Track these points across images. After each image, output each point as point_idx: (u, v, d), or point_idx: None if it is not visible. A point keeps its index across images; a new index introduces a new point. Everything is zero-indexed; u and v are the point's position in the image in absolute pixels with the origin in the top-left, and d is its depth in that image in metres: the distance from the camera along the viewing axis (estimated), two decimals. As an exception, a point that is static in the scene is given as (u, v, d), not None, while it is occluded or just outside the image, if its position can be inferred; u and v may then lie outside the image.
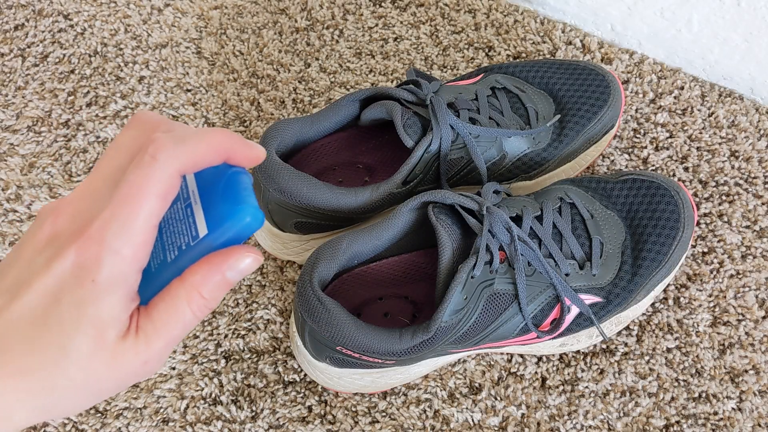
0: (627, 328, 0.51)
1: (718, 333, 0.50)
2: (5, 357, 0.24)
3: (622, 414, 0.48)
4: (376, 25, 0.66)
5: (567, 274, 0.44)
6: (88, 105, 0.62)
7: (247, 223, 0.26)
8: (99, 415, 0.49)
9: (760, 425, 0.48)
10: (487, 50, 0.64)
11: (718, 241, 0.54)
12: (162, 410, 0.49)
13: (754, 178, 0.56)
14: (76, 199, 0.25)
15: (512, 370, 0.50)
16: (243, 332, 0.52)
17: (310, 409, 0.49)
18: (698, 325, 0.51)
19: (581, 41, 0.64)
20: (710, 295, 0.52)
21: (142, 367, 0.26)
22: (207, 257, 0.27)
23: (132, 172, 0.25)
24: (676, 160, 0.58)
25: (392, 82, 0.63)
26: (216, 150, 0.26)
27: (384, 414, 0.49)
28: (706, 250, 0.54)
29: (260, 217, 0.27)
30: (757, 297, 0.52)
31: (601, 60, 0.63)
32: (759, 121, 0.59)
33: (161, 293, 0.27)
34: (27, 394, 0.24)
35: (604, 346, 0.50)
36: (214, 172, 0.28)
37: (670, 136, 0.59)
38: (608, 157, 0.58)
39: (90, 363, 0.25)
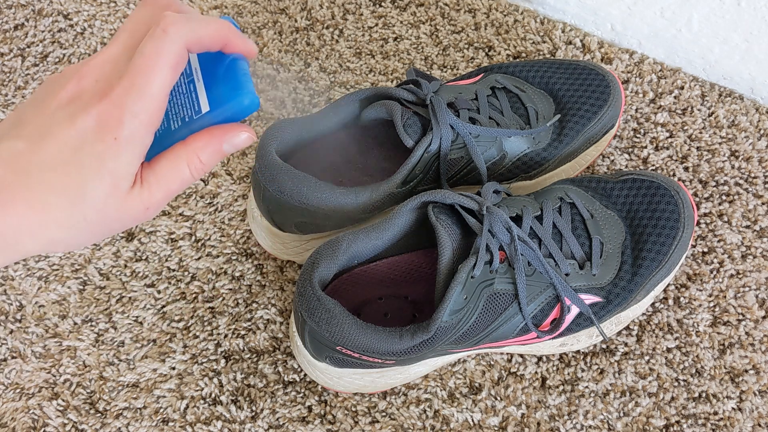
0: (627, 328, 0.51)
1: (718, 333, 0.51)
2: (26, 191, 0.27)
3: (622, 414, 0.48)
4: (376, 24, 0.66)
5: (567, 274, 0.44)
6: (88, 105, 0.62)
7: (245, 106, 0.30)
8: (99, 415, 0.49)
9: (760, 425, 0.48)
10: (487, 50, 0.64)
11: (718, 241, 0.54)
12: (162, 410, 0.49)
13: (754, 177, 0.56)
14: (98, 65, 0.29)
15: (512, 370, 0.50)
16: (243, 332, 0.52)
17: (310, 409, 0.49)
18: (698, 325, 0.51)
19: (581, 41, 0.64)
20: (710, 295, 0.52)
21: (143, 213, 0.30)
22: (209, 129, 0.31)
23: (146, 45, 0.28)
24: (676, 160, 0.58)
25: (392, 82, 0.63)
26: (218, 34, 0.30)
27: (384, 414, 0.49)
28: (706, 250, 0.54)
29: (256, 101, 0.31)
30: (757, 297, 0.52)
31: (601, 60, 0.63)
32: (759, 120, 0.59)
33: (165, 153, 0.31)
34: (41, 227, 0.28)
35: (604, 346, 0.50)
36: (215, 57, 0.32)
37: (670, 136, 0.59)
38: (608, 157, 0.58)
39: (104, 206, 0.29)
